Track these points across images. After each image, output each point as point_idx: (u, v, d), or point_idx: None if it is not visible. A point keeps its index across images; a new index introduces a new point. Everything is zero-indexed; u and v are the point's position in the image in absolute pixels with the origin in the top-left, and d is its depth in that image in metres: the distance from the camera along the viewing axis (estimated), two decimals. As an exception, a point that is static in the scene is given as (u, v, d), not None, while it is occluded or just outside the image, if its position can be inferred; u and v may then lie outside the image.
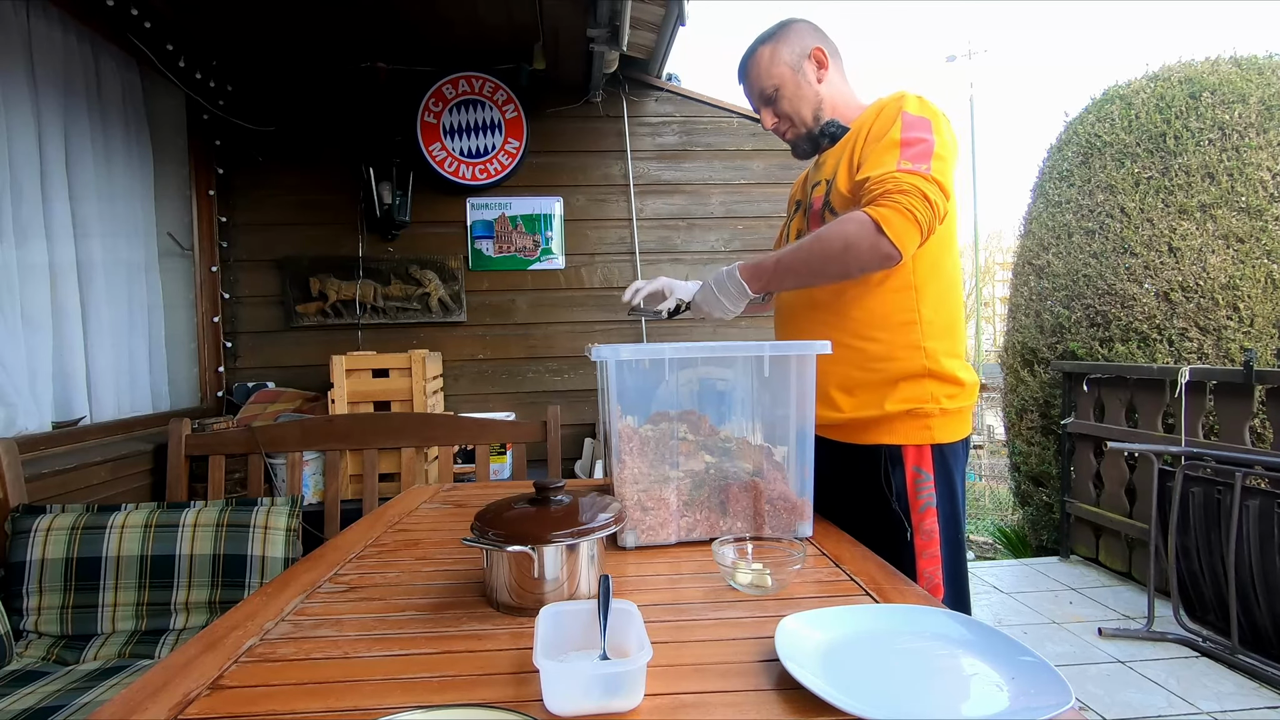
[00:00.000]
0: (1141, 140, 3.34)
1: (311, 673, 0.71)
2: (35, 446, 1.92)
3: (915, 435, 1.20)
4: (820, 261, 1.14)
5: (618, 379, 1.06)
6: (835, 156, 1.27)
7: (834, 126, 1.30)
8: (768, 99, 1.33)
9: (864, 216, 1.08)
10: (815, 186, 1.32)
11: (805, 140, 1.34)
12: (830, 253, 1.12)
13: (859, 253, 1.10)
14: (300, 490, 2.31)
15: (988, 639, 0.71)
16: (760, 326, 3.29)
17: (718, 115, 3.31)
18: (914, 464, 1.20)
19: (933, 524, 1.19)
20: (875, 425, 1.22)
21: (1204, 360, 3.02)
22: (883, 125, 1.17)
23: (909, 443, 1.20)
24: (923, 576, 1.18)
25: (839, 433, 1.27)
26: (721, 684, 0.67)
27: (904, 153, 1.11)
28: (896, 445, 1.21)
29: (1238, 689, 2.16)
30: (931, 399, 1.20)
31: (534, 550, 0.83)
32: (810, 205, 1.33)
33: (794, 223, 1.42)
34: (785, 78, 1.31)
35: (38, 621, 1.62)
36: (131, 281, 2.52)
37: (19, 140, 2.02)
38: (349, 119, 3.08)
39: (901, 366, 1.20)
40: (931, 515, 1.19)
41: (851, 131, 1.27)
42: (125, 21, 2.36)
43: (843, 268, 1.13)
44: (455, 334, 3.17)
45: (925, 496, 1.19)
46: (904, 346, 1.21)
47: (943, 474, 1.20)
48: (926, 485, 1.19)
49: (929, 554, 1.18)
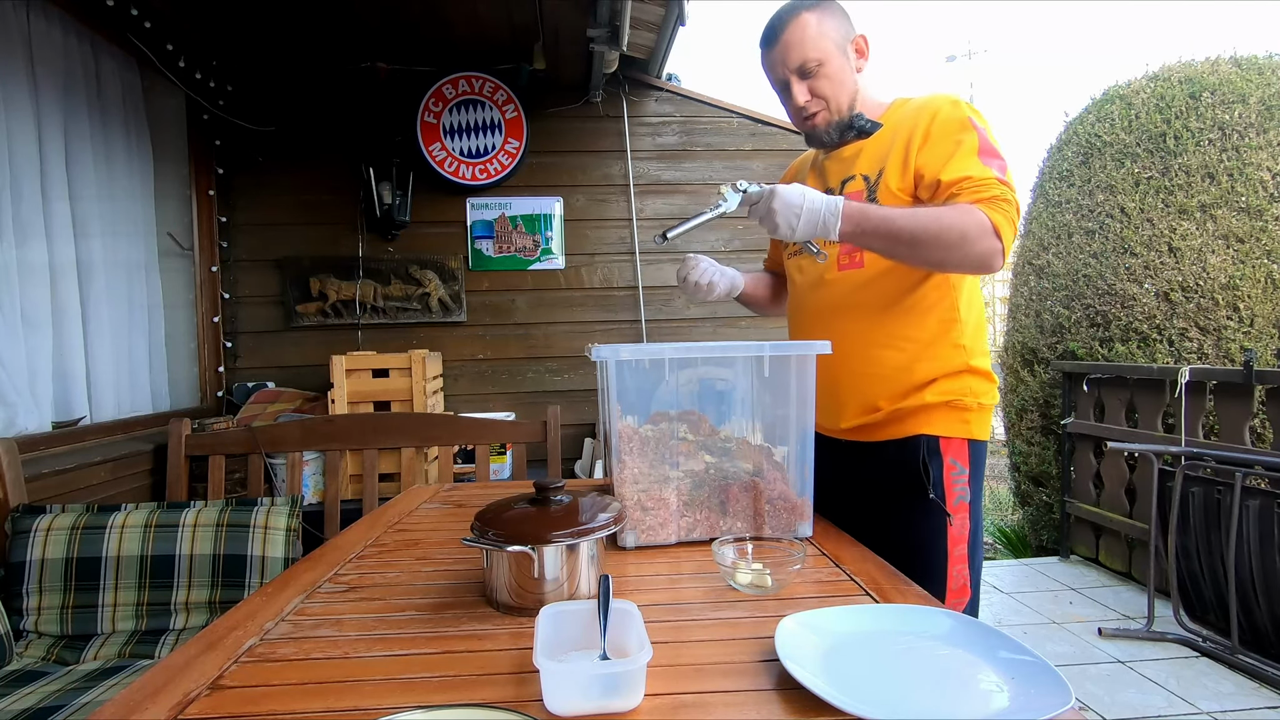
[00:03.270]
0: (1141, 140, 3.34)
1: (311, 673, 0.71)
2: (35, 446, 1.92)
3: (954, 427, 1.17)
4: (931, 241, 1.04)
5: (618, 379, 1.06)
6: (873, 153, 1.20)
7: (865, 121, 1.22)
8: (805, 72, 1.19)
9: (983, 217, 1.03)
10: (848, 181, 1.24)
11: (834, 128, 1.23)
12: (945, 238, 1.04)
13: (970, 251, 1.04)
14: (300, 490, 2.31)
15: (988, 639, 0.71)
16: (760, 326, 3.29)
17: (718, 115, 3.30)
18: (952, 455, 1.16)
19: (964, 520, 1.15)
20: (912, 416, 1.18)
21: (1204, 360, 3.02)
22: (945, 128, 1.12)
23: (948, 434, 1.16)
24: (952, 575, 1.14)
25: (873, 431, 1.22)
26: (721, 684, 0.67)
27: (985, 159, 1.08)
28: (934, 436, 1.16)
29: (1238, 689, 2.16)
30: (970, 393, 1.17)
31: (534, 550, 0.83)
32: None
33: None
34: (831, 54, 1.19)
35: (38, 621, 1.62)
36: (131, 281, 2.52)
37: (19, 140, 2.02)
38: (349, 119, 3.08)
39: (941, 365, 1.17)
40: (964, 511, 1.16)
41: (893, 130, 1.19)
42: (125, 21, 2.35)
43: (945, 257, 1.06)
44: (455, 334, 3.17)
45: (959, 490, 1.15)
46: (946, 345, 1.17)
47: (975, 471, 1.17)
48: (961, 480, 1.16)
49: (958, 553, 1.14)
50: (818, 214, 1.06)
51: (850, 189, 1.23)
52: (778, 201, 1.07)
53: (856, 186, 1.22)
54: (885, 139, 1.20)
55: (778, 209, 1.07)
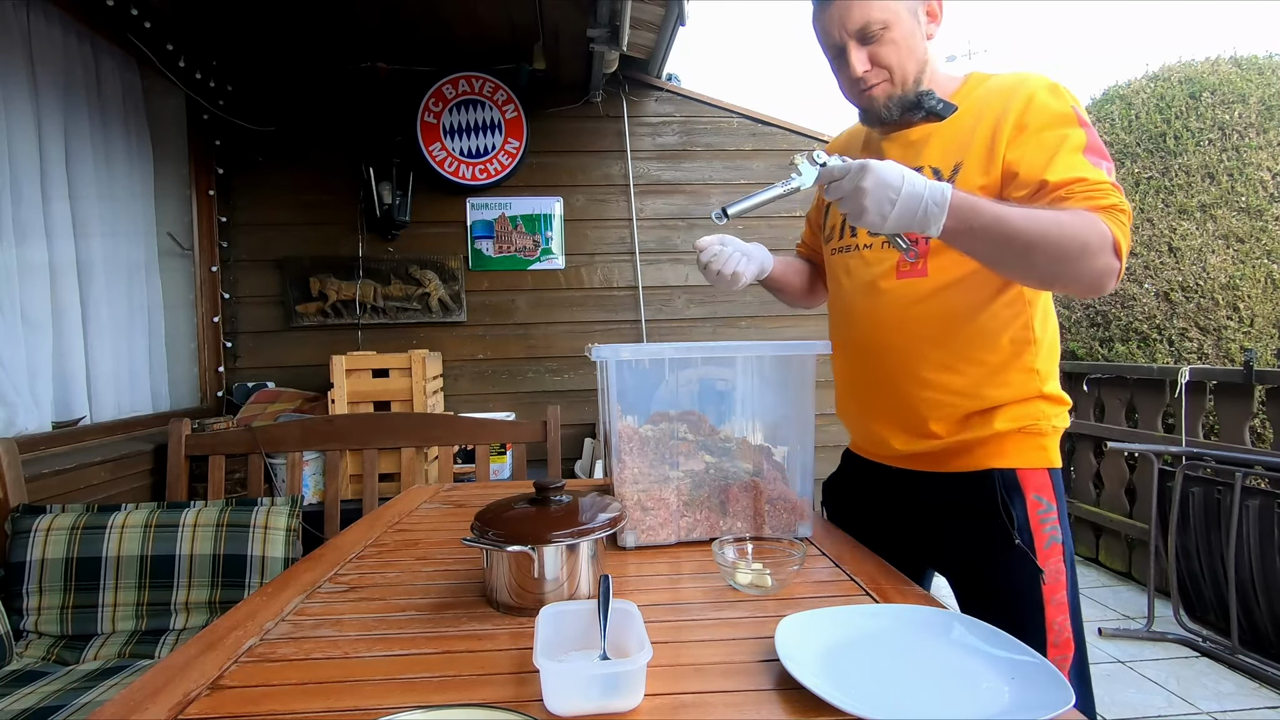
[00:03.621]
0: (1141, 140, 3.34)
1: (311, 673, 0.71)
2: (35, 446, 1.92)
3: (1031, 456, 1.01)
4: (1048, 251, 0.85)
5: (618, 379, 1.06)
6: (947, 141, 1.02)
7: (937, 101, 1.01)
8: (868, 36, 0.99)
9: (1105, 229, 0.86)
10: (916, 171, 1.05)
11: (895, 104, 1.03)
12: (1066, 249, 0.85)
13: (1087, 266, 0.86)
14: (300, 490, 2.31)
15: (988, 639, 0.71)
16: (761, 326, 3.29)
17: (718, 115, 3.30)
18: (1034, 491, 1.00)
19: (1059, 563, 0.98)
20: (981, 446, 1.02)
21: (1204, 360, 3.02)
22: (1045, 118, 0.95)
23: (1026, 465, 1.01)
24: (1051, 628, 0.96)
25: (932, 461, 1.06)
26: (721, 684, 0.67)
27: (1094, 160, 0.91)
28: (1011, 469, 1.00)
29: (1238, 689, 2.16)
30: (1044, 416, 1.02)
31: (534, 550, 0.83)
32: None
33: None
34: (899, 16, 0.99)
35: (38, 621, 1.62)
36: (131, 281, 2.52)
37: (19, 140, 2.02)
38: (349, 119, 3.08)
39: (1011, 392, 1.01)
40: (1057, 553, 0.98)
41: (974, 113, 1.01)
42: (125, 21, 2.35)
43: (1059, 272, 0.88)
44: (455, 334, 3.17)
45: (1050, 530, 0.99)
46: (1017, 370, 1.01)
47: (1061, 503, 1.02)
48: (1050, 516, 0.99)
49: (1056, 600, 0.97)
50: (918, 201, 0.84)
51: None
52: (870, 179, 0.83)
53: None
54: (963, 124, 1.01)
55: (869, 189, 0.83)
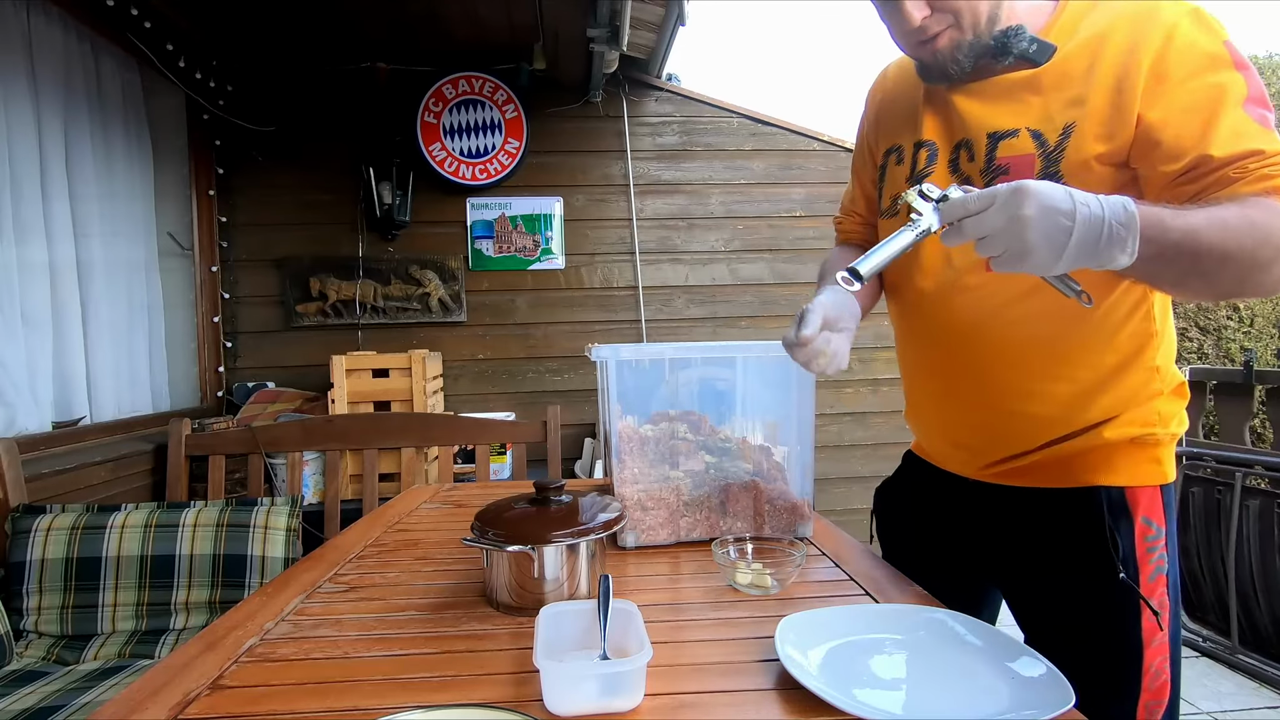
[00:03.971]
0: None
1: (311, 673, 0.71)
2: (35, 446, 1.92)
3: (1144, 472, 0.85)
4: (1242, 263, 0.69)
5: (618, 379, 1.06)
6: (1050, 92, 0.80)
7: (1029, 40, 0.79)
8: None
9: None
10: (1002, 139, 0.83)
11: (967, 53, 0.82)
12: (1257, 260, 0.69)
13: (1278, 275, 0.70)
14: (300, 490, 2.31)
15: (988, 639, 0.71)
16: (761, 326, 3.29)
17: (718, 115, 3.30)
18: (1144, 513, 0.85)
19: (1163, 597, 0.84)
20: (1084, 460, 0.86)
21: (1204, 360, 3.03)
22: (1188, 60, 0.74)
23: (1137, 483, 0.85)
24: (1148, 672, 0.83)
25: (1020, 475, 0.90)
26: (721, 684, 0.67)
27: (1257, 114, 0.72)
28: (1119, 488, 0.85)
29: (1238, 689, 2.16)
30: (1160, 420, 0.85)
31: (534, 550, 0.83)
32: (993, 163, 0.84)
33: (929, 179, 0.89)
34: None
35: (38, 621, 1.62)
36: (131, 281, 2.52)
37: (19, 140, 2.02)
38: (349, 119, 3.08)
39: (1130, 397, 0.85)
40: (1162, 585, 0.84)
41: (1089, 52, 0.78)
42: (125, 21, 2.35)
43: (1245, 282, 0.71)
44: (455, 334, 3.17)
45: (1156, 560, 0.84)
46: (1139, 370, 0.85)
47: (1171, 526, 0.87)
48: (1157, 544, 0.85)
49: (1157, 642, 0.83)
50: (1098, 226, 0.64)
51: (1008, 153, 0.82)
52: (1032, 205, 0.63)
53: (1020, 149, 0.82)
54: (1070, 69, 0.79)
55: (1032, 217, 0.63)
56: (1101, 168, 0.78)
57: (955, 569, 0.98)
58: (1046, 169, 0.80)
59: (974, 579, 0.99)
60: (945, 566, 0.98)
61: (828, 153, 3.31)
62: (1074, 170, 0.78)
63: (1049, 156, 0.80)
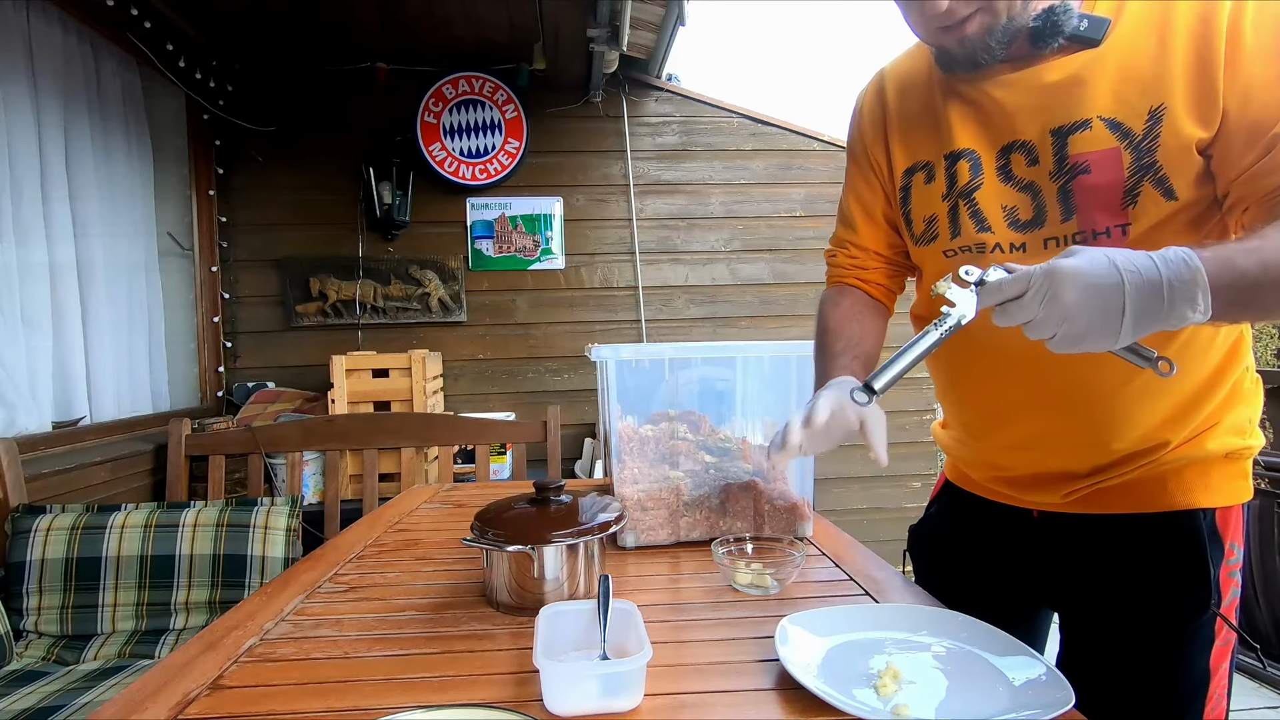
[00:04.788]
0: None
1: (311, 673, 0.71)
2: (35, 446, 1.92)
3: (1234, 490, 0.77)
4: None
5: (618, 379, 1.06)
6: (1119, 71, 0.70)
7: (1076, 17, 0.70)
8: None
9: None
10: (1073, 132, 0.72)
11: (1000, 39, 0.72)
12: None
13: None
14: (300, 490, 2.31)
15: (988, 639, 0.71)
16: (761, 326, 3.29)
17: (718, 115, 3.30)
18: (1232, 538, 0.77)
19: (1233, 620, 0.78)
20: (1182, 476, 0.76)
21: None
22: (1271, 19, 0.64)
23: (1228, 503, 0.77)
24: (1210, 698, 0.77)
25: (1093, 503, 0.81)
26: (721, 684, 0.67)
27: None
28: (1212, 510, 0.77)
29: (1238, 689, 2.15)
30: (1248, 431, 0.77)
31: (534, 550, 0.83)
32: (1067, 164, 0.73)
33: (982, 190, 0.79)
34: None
35: (38, 621, 1.62)
36: (131, 281, 2.52)
37: (19, 140, 2.02)
38: (349, 119, 3.08)
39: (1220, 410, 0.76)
40: (1234, 609, 0.78)
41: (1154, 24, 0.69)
42: (125, 21, 2.35)
43: None
44: (455, 334, 3.17)
45: (1234, 586, 0.77)
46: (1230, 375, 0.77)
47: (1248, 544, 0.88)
48: (1236, 567, 0.78)
49: (1223, 668, 0.77)
50: (1156, 288, 0.57)
51: (1084, 148, 0.72)
52: (1071, 290, 0.57)
53: (1098, 143, 0.71)
54: (1138, 45, 0.70)
55: (1075, 303, 0.58)
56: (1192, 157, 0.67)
57: (1009, 597, 0.90)
58: (1139, 161, 0.69)
59: (1028, 605, 0.92)
60: (998, 595, 0.90)
61: (828, 153, 3.31)
62: (1174, 160, 0.68)
63: (1139, 148, 0.69)
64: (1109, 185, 0.71)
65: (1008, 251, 0.79)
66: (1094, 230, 0.73)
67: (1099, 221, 0.72)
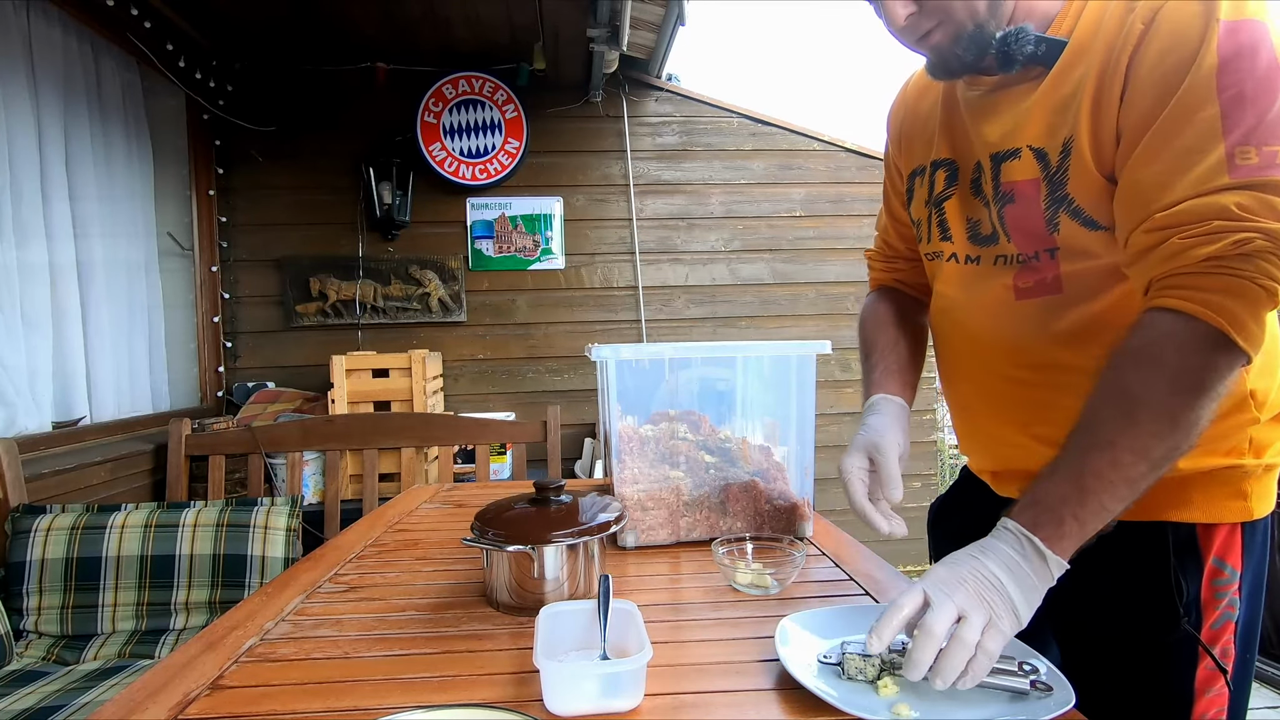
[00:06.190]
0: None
1: (311, 673, 0.71)
2: (35, 446, 1.92)
3: (1223, 508, 0.74)
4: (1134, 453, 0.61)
5: (618, 379, 1.06)
6: (1051, 97, 0.70)
7: (1031, 41, 0.69)
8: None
9: (1184, 331, 0.60)
10: (1005, 160, 0.74)
11: (966, 46, 0.72)
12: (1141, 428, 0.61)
13: (1181, 395, 0.61)
14: (300, 490, 2.31)
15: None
16: (761, 326, 3.29)
17: (718, 115, 3.30)
18: (1217, 554, 0.74)
19: (1228, 644, 0.74)
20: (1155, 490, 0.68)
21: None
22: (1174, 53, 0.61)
23: (1211, 520, 0.74)
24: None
25: None
26: (722, 684, 0.67)
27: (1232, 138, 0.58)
28: (1190, 524, 0.74)
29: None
30: (1252, 449, 0.74)
31: (534, 550, 0.83)
32: (1000, 190, 0.76)
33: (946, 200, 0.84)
34: None
35: (38, 621, 1.62)
36: (131, 281, 2.52)
37: (19, 140, 2.02)
38: (349, 119, 3.08)
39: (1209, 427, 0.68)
40: (1228, 632, 0.74)
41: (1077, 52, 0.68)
42: (125, 21, 2.35)
43: (1179, 442, 0.62)
44: (455, 334, 3.17)
45: (1225, 605, 0.74)
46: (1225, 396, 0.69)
47: (1250, 565, 0.76)
48: (1228, 588, 0.74)
49: (1215, 691, 0.75)
50: (995, 588, 0.61)
51: (1010, 177, 0.74)
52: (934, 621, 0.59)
53: (1023, 173, 0.73)
54: (1067, 65, 0.69)
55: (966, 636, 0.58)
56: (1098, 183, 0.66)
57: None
58: (1053, 194, 0.70)
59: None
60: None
61: (828, 153, 3.31)
62: (1087, 193, 0.67)
63: (1053, 179, 0.70)
64: (1031, 215, 0.73)
65: (963, 263, 0.83)
66: (1026, 254, 0.76)
67: (1028, 246, 0.75)
